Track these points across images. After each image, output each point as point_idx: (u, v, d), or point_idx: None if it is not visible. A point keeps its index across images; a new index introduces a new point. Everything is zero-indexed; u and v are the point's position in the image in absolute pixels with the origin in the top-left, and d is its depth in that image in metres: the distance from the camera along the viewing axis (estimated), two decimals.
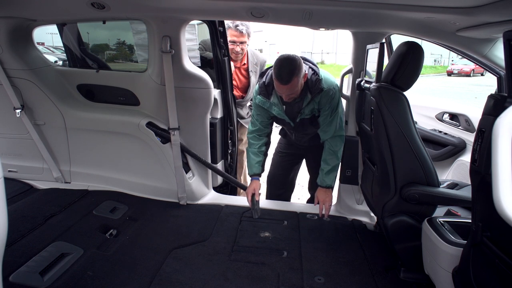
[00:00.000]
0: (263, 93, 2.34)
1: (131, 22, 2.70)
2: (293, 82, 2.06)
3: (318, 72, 2.26)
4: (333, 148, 2.42)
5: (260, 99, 2.37)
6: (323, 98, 2.28)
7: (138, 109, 2.73)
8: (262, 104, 2.38)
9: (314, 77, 2.23)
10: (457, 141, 2.80)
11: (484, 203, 1.23)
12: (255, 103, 2.43)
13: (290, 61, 2.06)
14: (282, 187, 2.92)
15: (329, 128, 2.37)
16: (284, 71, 2.04)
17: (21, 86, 2.64)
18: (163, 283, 1.84)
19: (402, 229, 1.88)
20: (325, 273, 1.98)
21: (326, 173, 2.45)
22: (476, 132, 1.27)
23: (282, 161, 2.83)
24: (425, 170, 1.80)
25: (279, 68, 2.06)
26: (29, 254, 1.94)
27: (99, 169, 2.88)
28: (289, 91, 2.13)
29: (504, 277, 1.15)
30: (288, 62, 2.06)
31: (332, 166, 2.44)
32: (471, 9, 1.58)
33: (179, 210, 2.68)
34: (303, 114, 2.35)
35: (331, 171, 2.45)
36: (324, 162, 2.46)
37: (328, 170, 2.44)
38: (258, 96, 2.38)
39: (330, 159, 2.43)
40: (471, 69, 25.33)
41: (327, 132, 2.39)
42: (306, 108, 2.32)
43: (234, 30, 2.91)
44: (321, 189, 2.49)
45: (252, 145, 2.51)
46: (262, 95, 2.35)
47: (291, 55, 2.10)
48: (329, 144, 2.42)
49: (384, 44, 1.85)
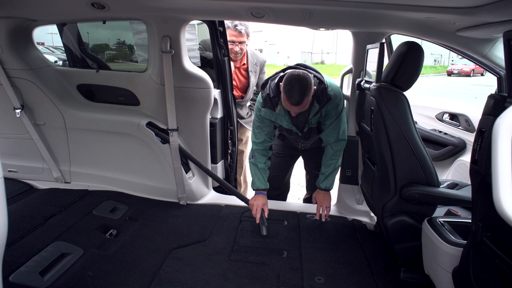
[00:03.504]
0: (268, 105, 2.25)
1: (131, 22, 2.70)
2: (304, 102, 2.03)
3: (323, 80, 2.20)
4: (336, 152, 2.40)
5: (266, 111, 2.29)
6: (329, 105, 2.24)
7: (138, 109, 2.74)
8: (268, 116, 2.31)
9: (321, 87, 2.18)
10: (457, 141, 2.80)
11: (484, 203, 1.23)
12: (260, 115, 2.34)
13: (301, 81, 2.00)
14: (279, 188, 2.91)
15: (334, 132, 2.35)
16: (295, 93, 1.99)
17: (21, 86, 2.64)
18: (163, 283, 1.84)
19: (402, 229, 1.88)
20: (325, 273, 1.98)
21: (327, 177, 2.44)
22: (476, 132, 1.27)
23: (279, 162, 2.81)
24: (425, 170, 1.80)
25: (290, 89, 2.00)
26: (29, 254, 1.94)
27: (99, 169, 2.88)
28: (299, 110, 2.11)
29: (504, 277, 1.15)
30: (299, 83, 2.00)
31: (332, 170, 2.43)
32: (471, 9, 1.58)
33: (179, 210, 2.68)
34: (311, 124, 2.32)
35: (331, 174, 2.44)
36: (325, 165, 2.44)
37: (328, 174, 2.43)
38: (262, 108, 2.29)
39: (331, 163, 2.42)
40: (471, 69, 25.33)
41: (331, 137, 2.37)
42: (313, 118, 2.29)
43: (233, 30, 2.91)
44: (320, 191, 2.49)
45: (258, 160, 2.42)
46: (267, 107, 2.26)
47: (301, 74, 2.03)
48: (331, 148, 2.40)
49: (384, 44, 1.85)
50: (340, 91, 2.30)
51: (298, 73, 2.04)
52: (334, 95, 2.21)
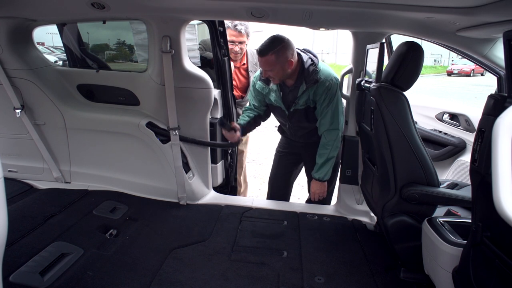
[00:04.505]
0: (263, 79, 2.45)
1: (131, 22, 2.70)
2: (268, 57, 2.17)
3: (316, 63, 2.31)
4: (328, 141, 2.42)
5: (260, 84, 2.51)
6: (319, 88, 2.31)
7: (138, 109, 2.73)
8: (261, 89, 2.51)
9: (312, 68, 2.29)
10: (457, 141, 2.80)
11: (484, 203, 1.23)
12: (254, 88, 2.56)
13: (274, 39, 2.20)
14: (283, 189, 2.92)
15: (325, 120, 2.38)
16: (264, 44, 2.19)
17: (21, 86, 2.64)
18: (163, 283, 1.84)
19: (402, 229, 1.88)
20: (325, 273, 1.98)
21: (320, 167, 2.46)
22: (476, 132, 1.27)
23: (282, 160, 2.83)
24: (425, 170, 1.80)
25: (264, 41, 2.20)
26: (29, 254, 1.94)
27: (99, 169, 2.88)
28: (265, 66, 2.24)
29: (504, 277, 1.15)
30: (272, 39, 2.20)
31: (325, 160, 2.44)
32: (471, 9, 1.58)
33: (179, 210, 2.68)
34: (297, 104, 2.40)
35: (324, 165, 2.45)
36: (318, 155, 2.47)
37: (322, 164, 2.46)
38: (258, 82, 2.52)
39: (324, 153, 2.44)
40: (471, 69, 25.34)
41: (323, 125, 2.41)
42: (300, 98, 2.36)
43: (233, 30, 2.91)
44: (314, 181, 2.52)
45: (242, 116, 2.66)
46: (262, 81, 2.48)
47: (281, 36, 2.21)
48: (325, 137, 2.43)
49: (384, 44, 1.84)
50: (334, 77, 2.35)
51: (279, 35, 2.23)
52: (324, 80, 2.30)
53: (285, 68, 2.25)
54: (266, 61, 2.20)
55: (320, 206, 2.80)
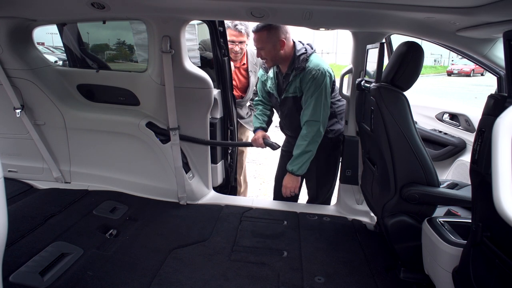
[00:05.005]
0: (265, 67, 2.59)
1: (131, 22, 2.71)
2: (261, 33, 2.28)
3: (308, 52, 2.36)
4: (306, 134, 2.38)
5: (261, 72, 2.67)
6: (305, 76, 2.33)
7: (138, 109, 2.74)
8: (261, 76, 2.67)
9: (303, 56, 2.33)
10: (457, 141, 2.80)
11: (484, 203, 1.23)
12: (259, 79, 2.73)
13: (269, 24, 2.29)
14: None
15: (307, 110, 2.36)
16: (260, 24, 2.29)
17: (21, 86, 2.64)
18: (163, 283, 1.84)
19: (402, 229, 1.88)
20: (325, 273, 1.98)
21: (294, 159, 2.45)
22: (476, 132, 1.27)
23: (285, 159, 2.82)
24: (425, 170, 1.80)
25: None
26: (29, 254, 1.94)
27: (99, 169, 2.88)
28: (257, 43, 2.33)
29: (504, 277, 1.15)
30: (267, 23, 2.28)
31: (300, 153, 2.41)
32: (471, 9, 1.58)
33: (179, 210, 2.68)
34: (287, 92, 2.44)
35: (299, 158, 2.42)
36: (296, 146, 2.45)
37: (296, 156, 2.43)
38: (260, 69, 2.69)
39: (300, 145, 2.41)
40: (471, 69, 25.35)
41: (305, 115, 2.39)
42: (290, 85, 2.41)
43: (233, 30, 2.91)
44: (288, 174, 2.51)
45: (258, 109, 2.75)
46: (263, 68, 2.63)
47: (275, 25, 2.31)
48: (304, 128, 2.40)
49: (384, 44, 1.84)
50: (322, 69, 2.32)
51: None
52: (311, 68, 2.32)
53: (277, 47, 2.31)
54: (259, 38, 2.29)
55: (320, 206, 2.80)
